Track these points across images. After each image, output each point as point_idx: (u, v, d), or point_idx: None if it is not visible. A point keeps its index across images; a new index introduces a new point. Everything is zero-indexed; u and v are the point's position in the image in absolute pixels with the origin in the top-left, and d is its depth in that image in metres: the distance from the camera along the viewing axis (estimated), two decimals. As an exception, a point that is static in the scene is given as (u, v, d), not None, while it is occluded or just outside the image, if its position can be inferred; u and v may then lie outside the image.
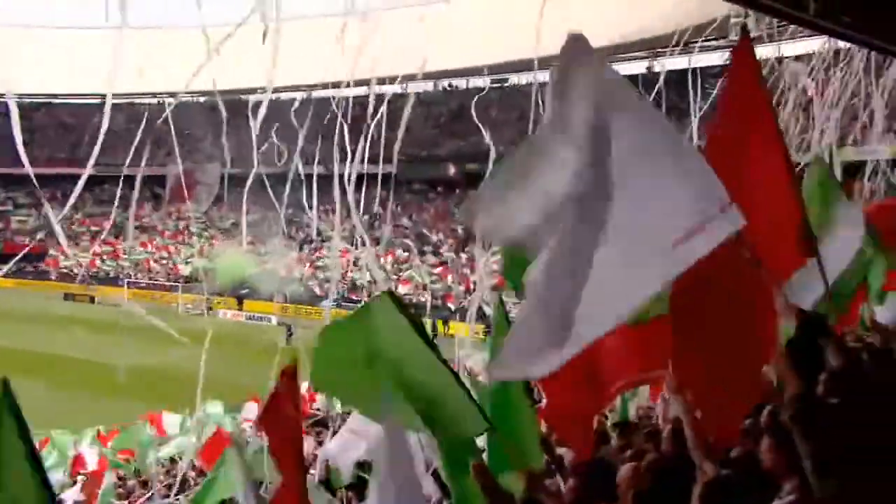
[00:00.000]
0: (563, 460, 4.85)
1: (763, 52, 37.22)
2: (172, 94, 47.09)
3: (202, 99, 56.89)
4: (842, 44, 14.18)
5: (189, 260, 54.04)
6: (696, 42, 31.20)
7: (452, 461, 4.15)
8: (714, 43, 39.57)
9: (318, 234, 50.48)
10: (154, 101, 56.15)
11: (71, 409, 21.35)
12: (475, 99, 28.52)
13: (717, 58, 41.51)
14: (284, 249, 47.80)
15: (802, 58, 18.12)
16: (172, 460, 14.16)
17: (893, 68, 15.40)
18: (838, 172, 14.66)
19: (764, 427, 3.17)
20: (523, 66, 52.48)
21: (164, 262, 55.11)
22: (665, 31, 39.81)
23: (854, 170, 18.74)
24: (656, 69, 45.81)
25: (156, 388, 22.14)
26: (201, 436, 13.15)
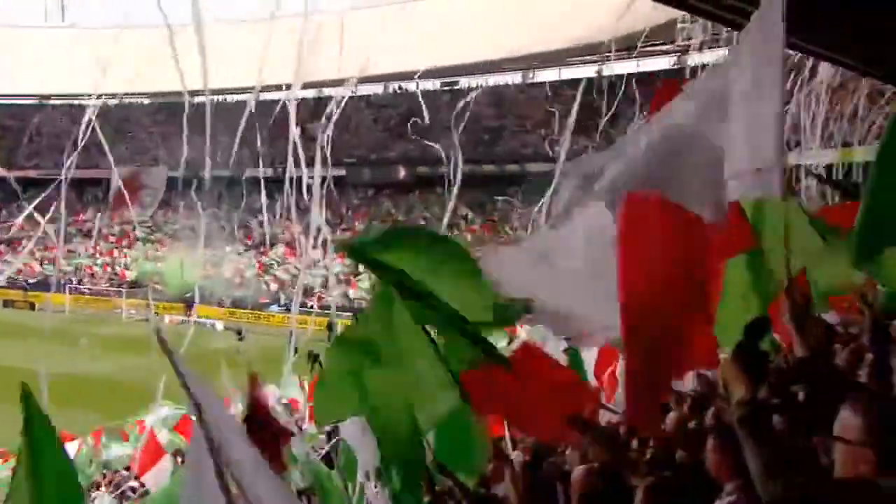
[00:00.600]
0: (514, 463, 4.86)
1: (710, 57, 37.95)
2: (113, 96, 46.19)
3: (146, 101, 55.97)
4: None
5: (134, 265, 53.05)
6: (646, 46, 31.76)
7: (392, 467, 4.22)
8: (661, 48, 40.31)
9: (269, 238, 49.95)
10: (97, 102, 54.99)
11: (15, 422, 20.72)
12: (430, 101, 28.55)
13: (665, 62, 42.24)
14: (233, 254, 47.20)
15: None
16: (116, 471, 13.90)
17: (822, 72, 15.86)
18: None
19: (709, 428, 3.23)
20: (474, 69, 52.76)
21: (109, 267, 53.97)
22: (612, 35, 40.44)
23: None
24: (605, 73, 46.45)
25: (103, 396, 21.66)
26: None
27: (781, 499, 1.82)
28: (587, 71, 50.10)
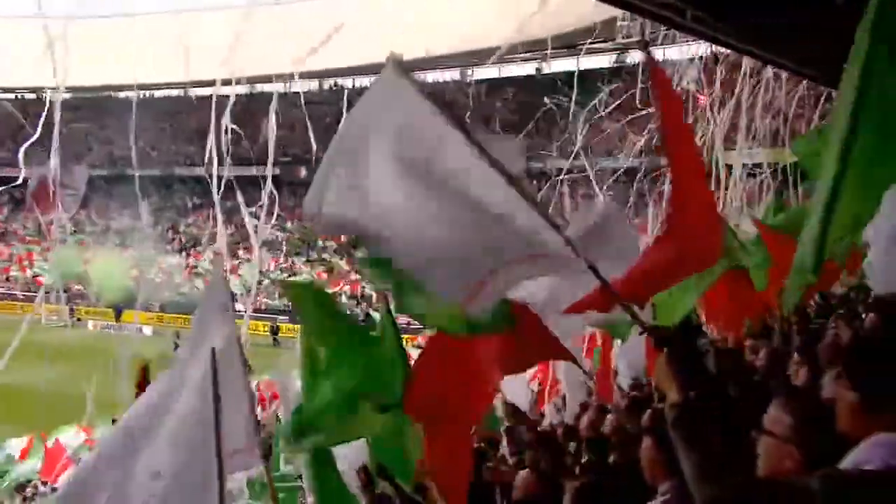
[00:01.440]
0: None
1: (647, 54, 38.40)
2: (33, 90, 44.86)
3: (67, 95, 54.47)
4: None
5: (54, 267, 51.48)
6: (584, 44, 32.13)
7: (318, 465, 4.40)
8: (601, 45, 40.85)
9: (199, 239, 49.07)
10: (10, 96, 53.37)
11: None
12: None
13: (606, 60, 42.79)
14: (161, 256, 46.24)
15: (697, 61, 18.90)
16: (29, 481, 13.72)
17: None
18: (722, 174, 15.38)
19: (644, 428, 3.29)
20: (410, 66, 52.63)
21: (25, 270, 52.28)
22: (550, 33, 40.81)
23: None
24: (545, 71, 46.95)
25: (13, 408, 20.97)
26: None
27: (715, 499, 1.86)
28: (528, 68, 50.64)
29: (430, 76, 55.30)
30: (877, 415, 1.98)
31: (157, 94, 55.22)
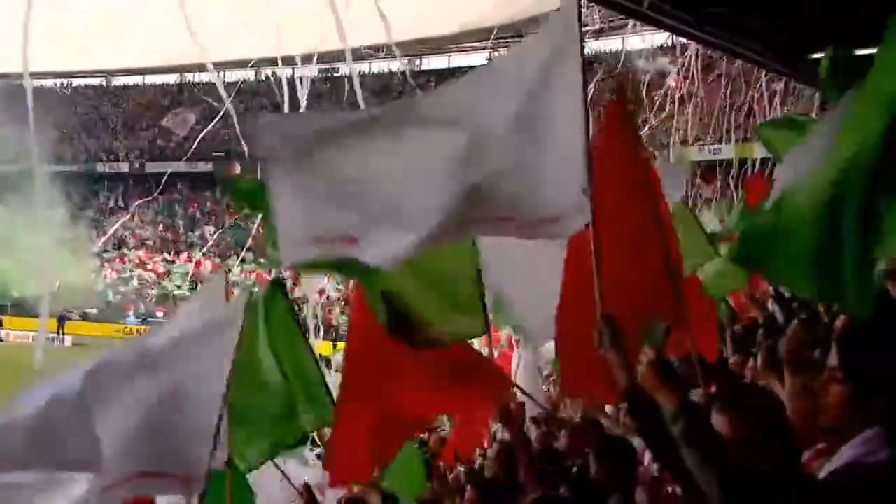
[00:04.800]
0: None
1: (604, 44, 39.05)
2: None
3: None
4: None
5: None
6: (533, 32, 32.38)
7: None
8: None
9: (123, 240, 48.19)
10: None
11: None
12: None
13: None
14: (82, 257, 45.29)
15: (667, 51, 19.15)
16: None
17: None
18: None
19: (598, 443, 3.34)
20: (355, 55, 52.44)
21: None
22: (505, 20, 41.05)
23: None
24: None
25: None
26: None
27: (744, 487, 1.90)
28: (479, 58, 50.77)
29: (376, 66, 55.24)
30: (867, 406, 2.05)
31: (77, 83, 54.13)
